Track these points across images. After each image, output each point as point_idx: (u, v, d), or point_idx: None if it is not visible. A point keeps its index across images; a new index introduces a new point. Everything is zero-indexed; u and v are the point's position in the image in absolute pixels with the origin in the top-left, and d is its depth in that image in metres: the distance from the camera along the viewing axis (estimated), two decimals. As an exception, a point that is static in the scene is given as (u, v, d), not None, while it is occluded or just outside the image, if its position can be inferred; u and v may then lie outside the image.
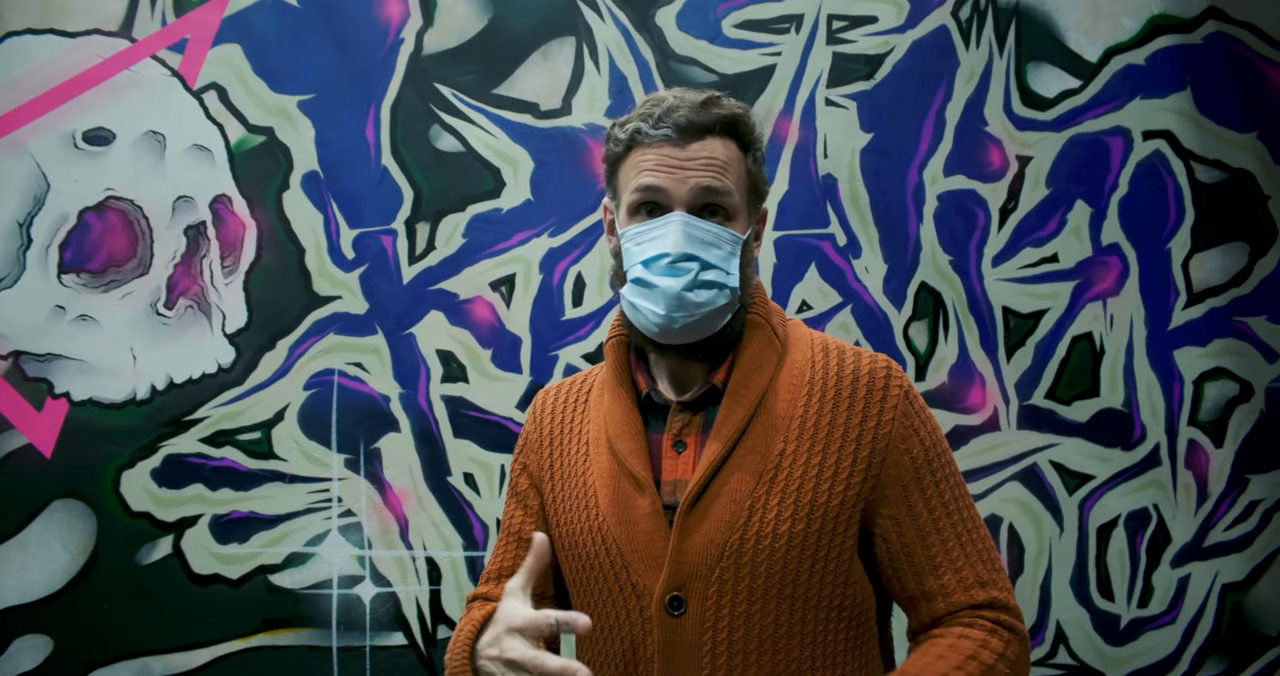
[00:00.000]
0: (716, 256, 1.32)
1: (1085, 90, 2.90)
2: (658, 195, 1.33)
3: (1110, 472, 2.84)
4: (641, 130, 1.34)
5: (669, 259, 1.30)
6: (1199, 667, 2.83)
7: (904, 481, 1.32)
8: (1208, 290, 2.90)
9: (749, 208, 1.39)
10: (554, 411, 1.50)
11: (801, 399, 1.34)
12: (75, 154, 2.73)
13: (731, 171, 1.34)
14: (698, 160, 1.32)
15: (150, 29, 2.76)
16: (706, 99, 1.36)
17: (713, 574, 1.28)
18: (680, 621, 1.28)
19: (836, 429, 1.32)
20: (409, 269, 2.76)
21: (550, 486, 1.45)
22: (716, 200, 1.33)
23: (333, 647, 2.66)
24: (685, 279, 1.30)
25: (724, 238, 1.33)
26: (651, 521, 1.31)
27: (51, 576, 2.63)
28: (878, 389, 1.34)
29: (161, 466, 2.67)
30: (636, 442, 1.35)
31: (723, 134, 1.35)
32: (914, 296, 2.84)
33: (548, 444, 1.48)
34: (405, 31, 2.80)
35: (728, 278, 1.33)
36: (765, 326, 1.39)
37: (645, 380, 1.41)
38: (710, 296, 1.32)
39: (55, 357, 2.68)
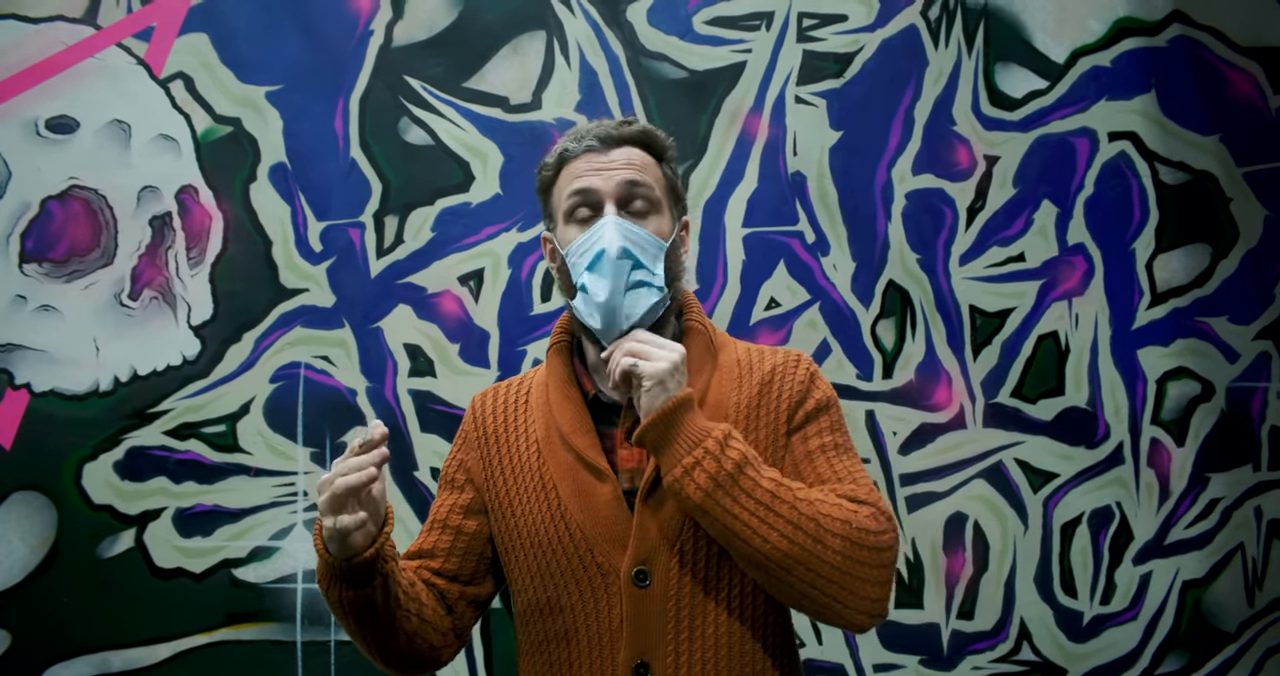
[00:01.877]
0: (646, 257, 1.46)
1: (1052, 91, 2.93)
2: (589, 195, 1.47)
3: (1074, 471, 2.87)
4: (568, 148, 1.52)
5: (609, 255, 1.43)
6: (1159, 663, 2.86)
7: (801, 425, 1.49)
8: (1170, 290, 2.93)
9: (671, 209, 1.54)
10: (494, 412, 1.60)
11: (733, 392, 1.50)
12: (38, 142, 2.69)
13: (650, 172, 1.51)
14: (619, 161, 1.49)
15: (116, 16, 2.73)
16: (621, 121, 1.54)
17: (674, 547, 1.41)
18: (646, 592, 1.41)
19: (764, 409, 1.49)
20: (377, 262, 2.74)
21: (499, 481, 1.54)
22: (640, 192, 1.48)
23: (297, 642, 2.64)
24: (624, 278, 1.44)
25: (650, 240, 1.47)
26: (613, 505, 1.44)
27: (10, 569, 2.59)
28: (789, 371, 1.53)
29: (124, 459, 2.64)
30: (591, 438, 1.48)
31: (638, 144, 1.52)
32: (882, 294, 2.85)
33: (491, 442, 1.57)
34: (375, 23, 2.78)
35: (653, 277, 1.46)
36: (703, 332, 1.55)
37: (590, 382, 1.54)
38: (641, 295, 1.45)
39: (16, 348, 2.64)
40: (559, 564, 1.45)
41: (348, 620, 1.41)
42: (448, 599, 1.52)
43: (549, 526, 1.46)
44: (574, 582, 1.44)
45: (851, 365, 2.83)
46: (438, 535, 1.56)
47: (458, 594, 1.53)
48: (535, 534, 1.47)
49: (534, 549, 1.48)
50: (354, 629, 1.42)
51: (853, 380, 2.82)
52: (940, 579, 2.81)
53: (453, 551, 1.54)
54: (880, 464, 2.81)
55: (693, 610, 1.41)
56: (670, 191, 1.54)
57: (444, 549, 1.54)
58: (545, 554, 1.46)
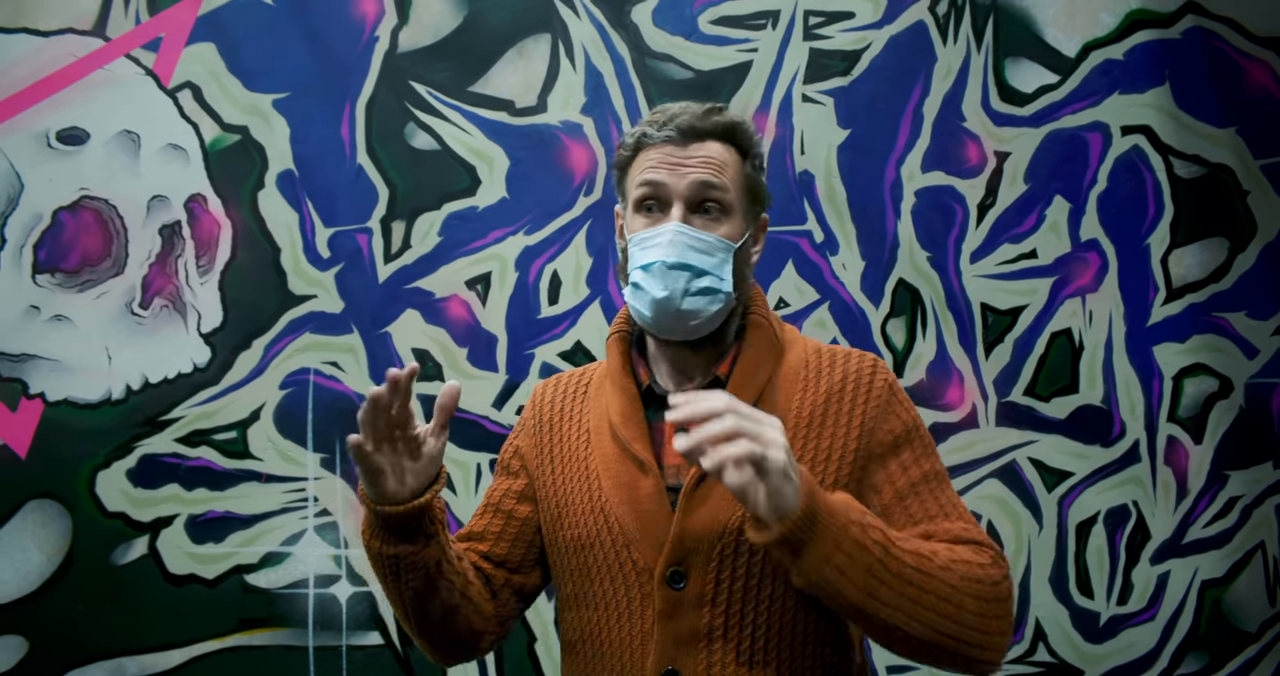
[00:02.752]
0: (709, 263, 1.40)
1: (1063, 85, 2.89)
2: (659, 189, 1.42)
3: (1089, 469, 2.83)
4: (647, 133, 1.45)
5: (663, 265, 1.39)
6: (1178, 664, 2.82)
7: (884, 455, 1.39)
8: (1186, 286, 2.89)
9: (746, 211, 1.47)
10: (553, 400, 1.58)
11: (797, 393, 1.43)
12: (49, 153, 2.72)
13: (729, 172, 1.43)
14: (696, 158, 1.42)
15: (124, 28, 2.75)
16: (709, 108, 1.46)
17: (713, 550, 1.35)
18: (680, 595, 1.35)
19: (829, 417, 1.40)
20: (384, 267, 2.75)
21: (549, 469, 1.52)
22: (712, 195, 1.41)
23: (309, 647, 2.66)
24: (677, 287, 1.39)
25: (717, 245, 1.41)
26: (655, 501, 1.39)
27: (26, 577, 2.62)
28: (864, 382, 1.43)
29: (137, 466, 2.66)
30: (639, 429, 1.43)
31: (722, 139, 1.44)
32: (891, 293, 2.83)
33: (546, 430, 1.55)
34: (380, 29, 2.79)
35: (721, 283, 1.41)
36: (767, 327, 1.47)
37: (646, 372, 1.49)
38: (703, 304, 1.40)
39: (30, 357, 2.67)
40: (595, 558, 1.42)
41: (384, 577, 1.38)
42: (493, 584, 1.50)
43: (589, 518, 1.43)
44: (608, 578, 1.40)
45: (862, 365, 2.81)
46: (489, 519, 1.54)
47: (503, 580, 1.51)
48: (575, 525, 1.44)
49: (573, 540, 1.44)
50: (391, 590, 1.39)
51: (863, 380, 2.80)
52: (954, 580, 2.78)
53: (502, 536, 1.53)
54: (892, 464, 2.79)
55: (728, 618, 1.34)
56: (748, 191, 1.46)
57: (494, 533, 1.53)
58: (583, 546, 1.43)
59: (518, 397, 2.73)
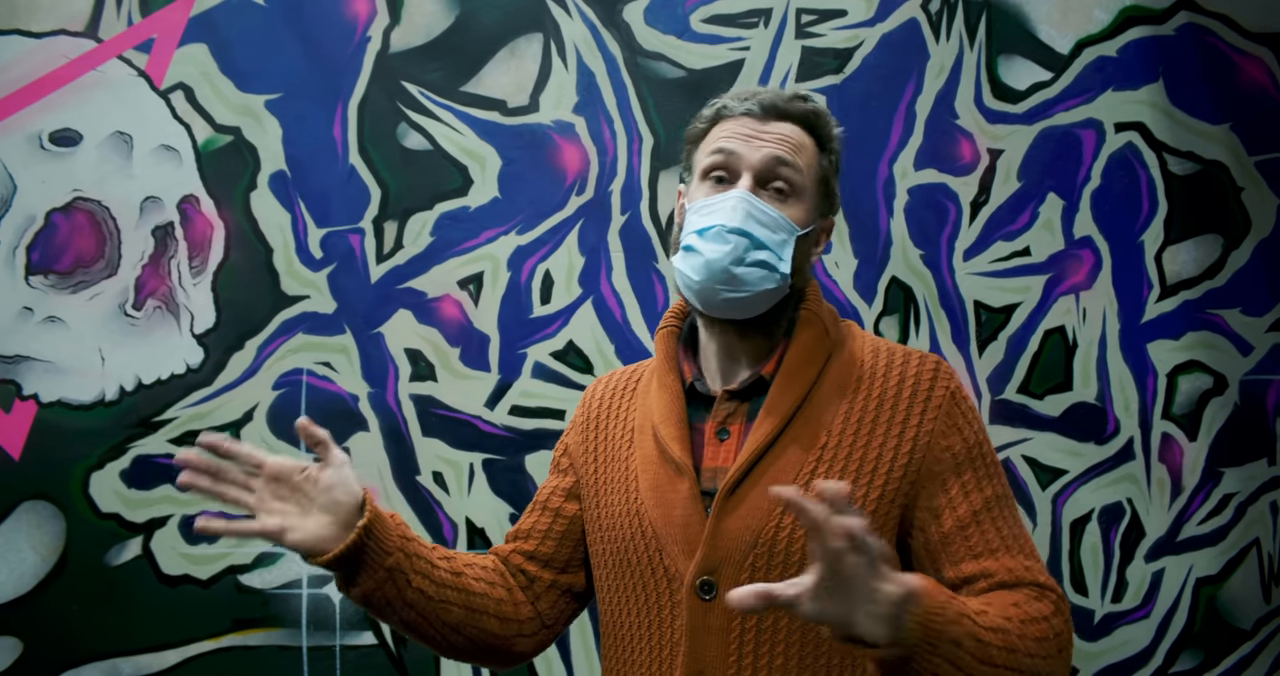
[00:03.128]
0: (770, 239, 1.35)
1: (1056, 82, 2.89)
2: (730, 158, 1.37)
3: (1083, 467, 2.83)
4: (728, 106, 1.42)
5: (719, 229, 1.34)
6: (1173, 662, 2.82)
7: (944, 475, 1.32)
8: (1181, 283, 2.88)
9: (816, 200, 1.42)
10: (603, 397, 1.55)
11: (848, 395, 1.35)
12: (42, 155, 2.72)
13: (803, 155, 1.39)
14: (774, 134, 1.38)
15: (116, 29, 2.75)
16: (794, 94, 1.44)
17: (745, 560, 1.29)
18: (710, 605, 1.29)
19: (880, 426, 1.33)
20: (377, 268, 2.75)
21: (592, 469, 1.49)
22: (784, 173, 1.37)
23: (303, 647, 2.66)
24: (729, 250, 1.33)
25: (781, 224, 1.36)
26: (689, 506, 1.33)
27: (20, 578, 2.63)
28: (923, 389, 1.35)
29: (130, 467, 2.66)
30: (679, 429, 1.38)
31: (802, 124, 1.41)
32: (884, 291, 2.83)
33: (593, 427, 1.52)
34: (372, 29, 2.79)
35: (779, 262, 1.35)
36: (817, 322, 1.41)
37: (692, 370, 1.44)
38: (759, 276, 1.34)
39: (23, 359, 2.67)
40: (629, 561, 1.37)
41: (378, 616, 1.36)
42: (537, 586, 1.48)
43: (624, 520, 1.39)
44: (640, 584, 1.36)
45: (855, 363, 2.81)
46: (536, 516, 1.52)
47: (549, 582, 1.48)
48: (612, 526, 1.40)
49: (609, 542, 1.41)
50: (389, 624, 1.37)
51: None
52: (948, 578, 2.78)
53: (549, 535, 1.50)
54: (885, 463, 2.79)
55: (759, 632, 1.28)
56: (821, 183, 1.42)
57: (540, 531, 1.50)
58: (618, 548, 1.39)
59: (510, 397, 2.73)
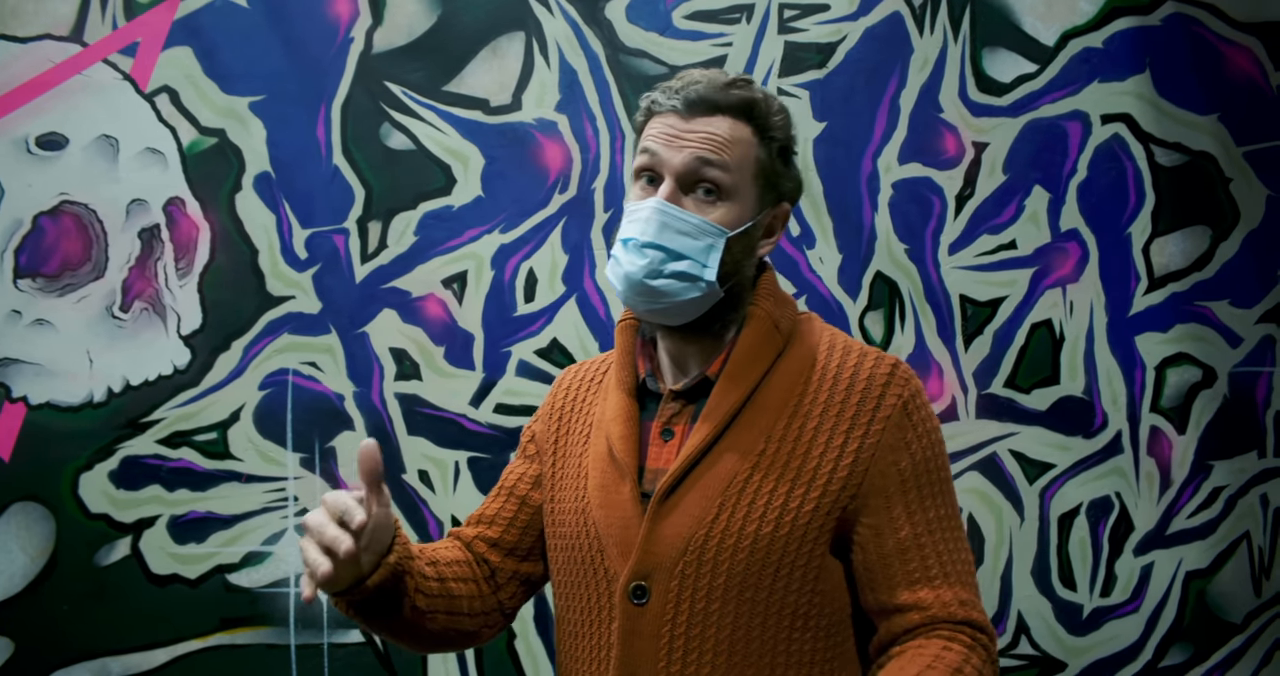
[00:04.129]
0: (691, 248, 1.30)
1: (1042, 75, 2.87)
2: (653, 160, 1.32)
3: (1071, 461, 2.81)
4: (657, 100, 1.35)
5: (634, 243, 1.30)
6: (1162, 656, 2.80)
7: (888, 492, 1.27)
8: (1169, 275, 2.87)
9: (756, 196, 1.35)
10: (571, 386, 1.52)
11: (794, 396, 1.31)
12: (29, 159, 2.74)
13: (734, 150, 1.31)
14: (698, 133, 1.30)
15: (101, 33, 2.77)
16: (732, 80, 1.35)
17: (675, 567, 1.27)
18: (642, 610, 1.27)
19: (823, 433, 1.29)
20: (361, 268, 2.76)
21: (552, 460, 1.47)
22: (710, 173, 1.30)
23: (291, 645, 2.68)
24: (644, 265, 1.29)
25: (705, 229, 1.30)
26: (629, 508, 1.31)
27: (11, 578, 2.65)
28: (874, 395, 1.30)
29: (119, 468, 2.68)
30: (627, 428, 1.35)
31: (735, 115, 1.33)
32: (869, 286, 2.82)
33: (557, 419, 1.49)
34: (355, 30, 2.80)
35: (702, 270, 1.30)
36: (765, 320, 1.35)
37: (646, 366, 1.41)
38: (679, 288, 1.30)
39: (12, 362, 2.70)
40: (575, 559, 1.36)
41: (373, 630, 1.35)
42: (498, 576, 1.46)
43: (573, 517, 1.37)
44: (584, 582, 1.34)
45: (840, 359, 2.80)
46: (502, 502, 1.50)
47: (510, 572, 1.47)
48: (564, 522, 1.39)
49: (560, 538, 1.39)
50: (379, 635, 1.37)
51: (842, 374, 2.79)
52: (934, 573, 2.77)
53: (514, 523, 1.48)
54: (871, 458, 2.78)
55: (687, 643, 1.26)
56: (761, 176, 1.34)
57: (505, 519, 1.48)
58: (567, 545, 1.38)
59: (495, 395, 2.74)
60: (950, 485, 1.33)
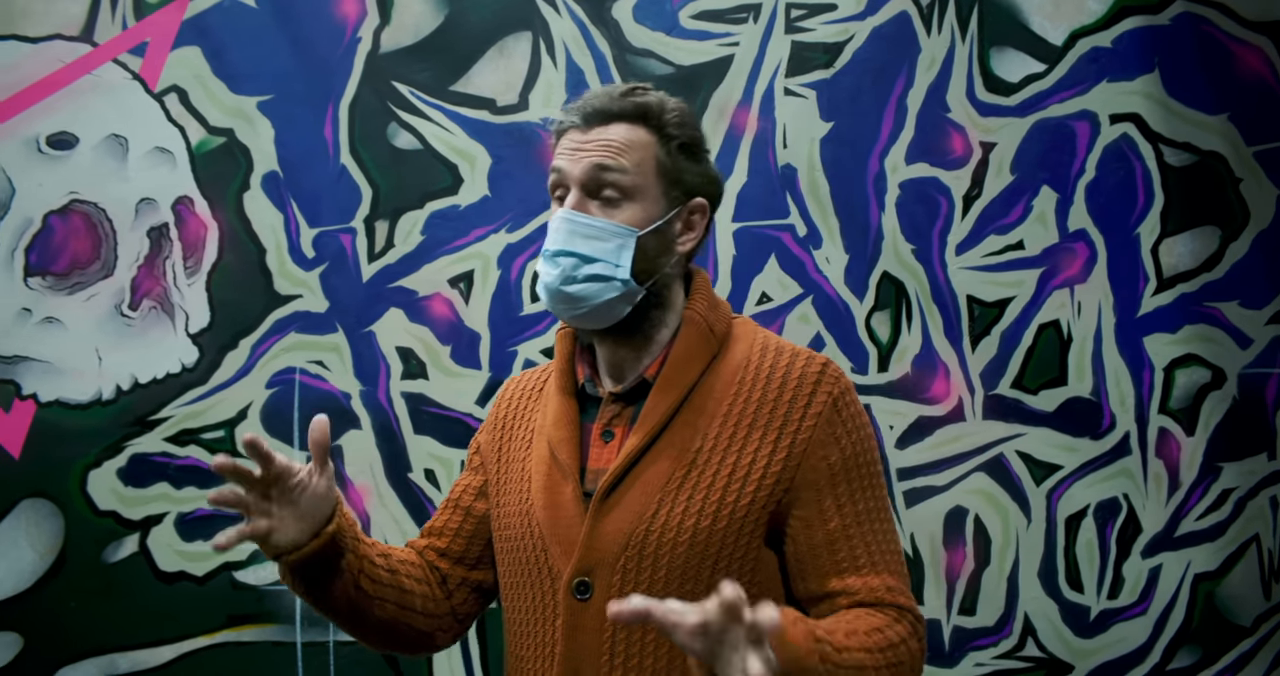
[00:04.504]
0: (602, 250, 1.35)
1: (1050, 74, 2.86)
2: (559, 176, 1.39)
3: (1078, 462, 2.80)
4: (560, 121, 1.42)
5: (548, 253, 1.37)
6: (1171, 658, 2.79)
7: (818, 486, 1.32)
8: (1178, 275, 2.85)
9: (661, 193, 1.40)
10: (512, 398, 1.56)
11: (729, 397, 1.36)
12: (39, 158, 2.76)
13: (631, 154, 1.37)
14: (595, 142, 1.37)
15: (111, 33, 2.78)
16: (627, 89, 1.41)
17: (618, 562, 1.31)
18: (585, 605, 1.32)
19: (756, 430, 1.33)
20: (368, 267, 2.77)
21: (496, 468, 1.51)
22: (609, 178, 1.36)
23: (297, 643, 2.69)
24: (559, 273, 1.36)
25: (610, 231, 1.36)
26: (572, 507, 1.36)
27: (20, 575, 2.67)
28: (804, 393, 1.34)
29: (127, 465, 2.70)
30: (568, 431, 1.40)
31: (630, 120, 1.38)
32: (876, 286, 2.81)
33: (501, 428, 1.54)
34: (362, 30, 2.81)
35: (615, 271, 1.35)
36: (700, 323, 1.40)
37: (585, 370, 1.45)
38: (595, 290, 1.36)
39: (22, 359, 2.71)
40: (520, 560, 1.40)
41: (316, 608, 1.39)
42: (449, 583, 1.50)
43: (518, 520, 1.41)
44: (529, 582, 1.39)
45: (846, 358, 2.80)
46: (448, 515, 1.54)
47: (460, 579, 1.51)
48: (509, 525, 1.43)
49: (506, 540, 1.44)
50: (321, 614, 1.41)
51: (847, 374, 2.78)
52: (940, 574, 2.77)
53: (459, 532, 1.52)
54: (877, 458, 2.77)
55: (630, 635, 1.30)
56: (663, 174, 1.39)
57: (451, 529, 1.52)
58: (512, 547, 1.42)
59: (500, 395, 2.74)
60: (880, 479, 1.38)
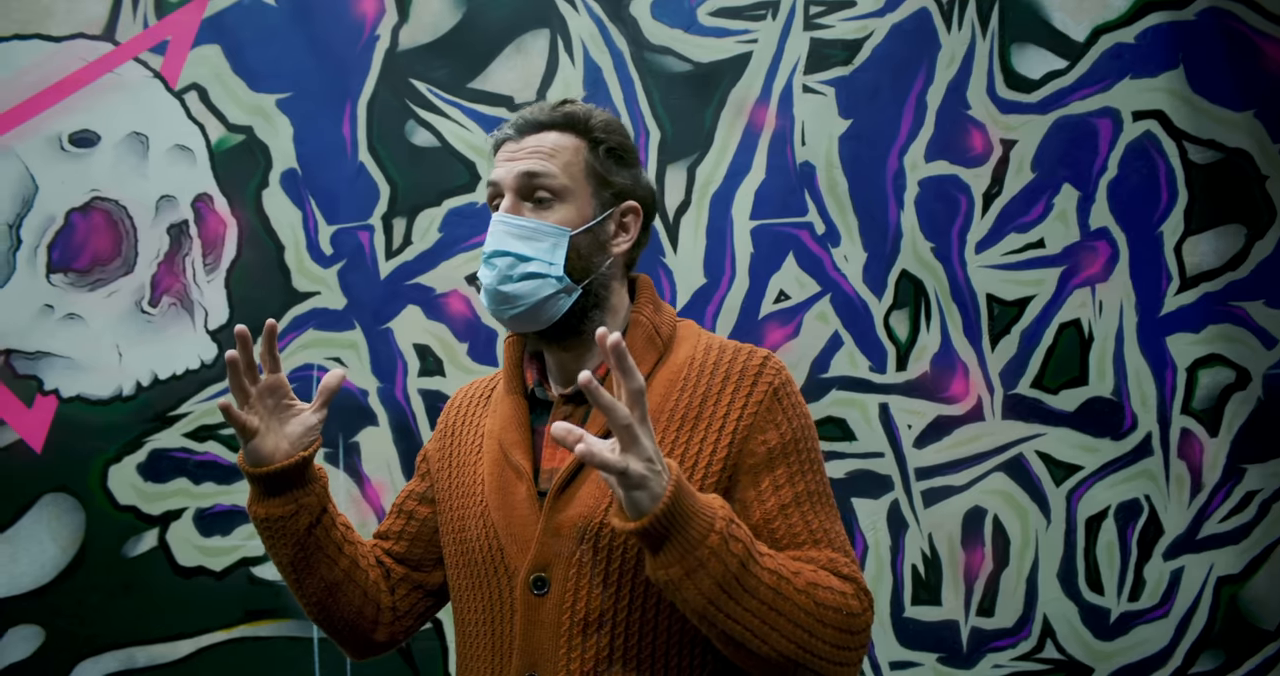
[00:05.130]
0: (536, 249, 1.39)
1: (1072, 71, 2.83)
2: (496, 187, 1.44)
3: (1099, 463, 2.78)
4: (496, 136, 1.48)
5: (485, 256, 1.42)
6: (1193, 662, 2.75)
7: (756, 469, 1.35)
8: (1201, 274, 2.82)
9: (592, 196, 1.45)
10: (461, 406, 1.60)
11: (674, 393, 1.40)
12: (62, 156, 2.78)
13: (560, 158, 1.43)
14: (526, 149, 1.43)
15: (132, 32, 2.81)
16: (558, 103, 1.48)
17: (574, 556, 1.34)
18: (542, 601, 1.34)
19: (702, 421, 1.37)
20: (386, 264, 2.78)
21: (445, 474, 1.54)
22: (539, 182, 1.41)
23: (313, 638, 2.70)
24: (496, 273, 1.40)
25: (542, 230, 1.40)
26: (527, 506, 1.38)
27: (42, 568, 2.69)
28: (746, 383, 1.39)
29: (147, 461, 2.72)
30: (520, 434, 1.43)
31: (560, 128, 1.45)
32: (894, 285, 2.79)
33: (449, 435, 1.57)
34: (381, 28, 2.81)
35: (549, 268, 1.39)
36: (646, 325, 1.45)
37: (534, 375, 1.49)
38: (531, 287, 1.39)
39: (44, 355, 2.74)
40: (474, 561, 1.43)
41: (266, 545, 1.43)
42: (392, 576, 1.54)
43: (471, 522, 1.44)
44: (483, 583, 1.41)
45: (864, 357, 2.78)
46: (393, 519, 1.60)
47: (402, 574, 1.55)
48: (462, 528, 1.45)
49: (458, 544, 1.46)
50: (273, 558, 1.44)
51: (866, 373, 2.77)
52: (958, 575, 2.75)
53: (403, 535, 1.57)
54: (895, 457, 2.76)
55: (586, 628, 1.32)
56: (593, 177, 1.44)
57: (395, 531, 1.58)
58: (465, 549, 1.44)
59: (517, 392, 2.74)
60: (820, 466, 1.40)
